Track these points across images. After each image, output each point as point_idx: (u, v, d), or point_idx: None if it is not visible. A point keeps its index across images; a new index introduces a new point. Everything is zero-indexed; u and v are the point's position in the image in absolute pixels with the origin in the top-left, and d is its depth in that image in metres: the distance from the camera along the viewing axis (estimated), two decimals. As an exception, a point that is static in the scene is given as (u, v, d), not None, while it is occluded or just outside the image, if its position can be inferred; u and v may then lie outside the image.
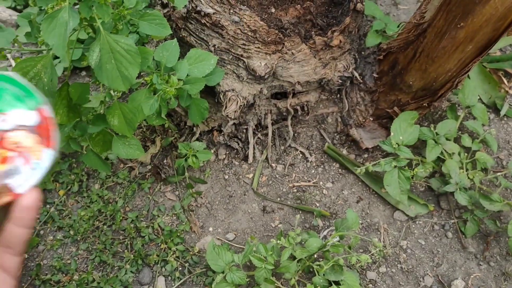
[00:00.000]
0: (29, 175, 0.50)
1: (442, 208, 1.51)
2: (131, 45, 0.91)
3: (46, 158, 0.51)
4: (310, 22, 1.36)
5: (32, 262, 1.38)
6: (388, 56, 1.42)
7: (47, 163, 0.51)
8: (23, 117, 0.52)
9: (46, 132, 0.52)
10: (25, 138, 0.51)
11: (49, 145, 0.52)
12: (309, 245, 1.29)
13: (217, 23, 1.21)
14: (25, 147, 0.51)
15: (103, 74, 0.91)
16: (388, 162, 1.41)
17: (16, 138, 0.51)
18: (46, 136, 0.52)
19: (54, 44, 0.81)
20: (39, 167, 0.51)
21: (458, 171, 1.43)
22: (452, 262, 1.42)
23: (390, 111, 1.49)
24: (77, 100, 1.03)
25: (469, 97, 1.53)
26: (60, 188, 1.51)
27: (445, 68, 1.27)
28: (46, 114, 0.52)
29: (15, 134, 0.51)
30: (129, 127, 1.09)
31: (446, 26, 1.18)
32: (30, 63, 0.95)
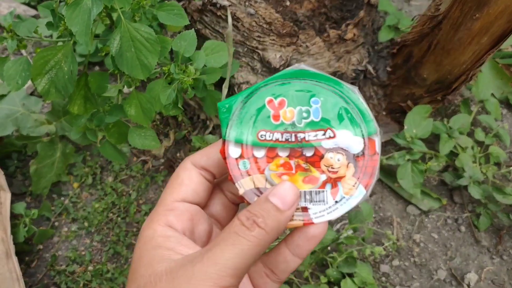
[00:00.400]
0: (330, 207, 0.44)
1: (455, 202, 1.51)
2: (151, 34, 0.92)
3: (356, 197, 0.44)
4: (325, 15, 1.37)
5: (47, 253, 1.39)
6: (402, 50, 1.42)
7: (354, 203, 0.44)
8: (348, 141, 0.45)
9: (366, 167, 0.45)
10: (341, 164, 0.44)
11: (366, 183, 0.44)
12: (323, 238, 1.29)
13: (232, 15, 1.22)
14: (338, 174, 0.44)
15: (123, 62, 0.92)
16: (401, 155, 1.41)
17: (332, 161, 0.45)
18: (365, 172, 0.44)
19: (77, 30, 0.82)
20: (344, 203, 0.44)
21: (471, 165, 1.43)
22: (465, 255, 1.42)
23: (403, 105, 1.50)
24: (96, 89, 1.04)
25: (483, 91, 1.53)
26: (74, 180, 1.52)
27: (460, 60, 1.27)
28: (374, 147, 0.45)
29: (332, 156, 0.45)
30: (146, 117, 1.10)
31: (462, 17, 1.19)
32: (51, 52, 0.96)
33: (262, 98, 0.45)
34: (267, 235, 0.40)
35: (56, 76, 0.97)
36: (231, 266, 0.38)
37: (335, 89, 0.45)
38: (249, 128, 0.45)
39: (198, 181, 0.47)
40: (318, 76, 0.45)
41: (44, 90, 0.98)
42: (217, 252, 0.38)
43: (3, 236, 1.23)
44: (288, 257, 0.44)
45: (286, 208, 0.41)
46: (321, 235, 0.44)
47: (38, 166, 1.41)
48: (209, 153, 0.47)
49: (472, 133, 1.53)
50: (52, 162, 1.44)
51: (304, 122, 0.45)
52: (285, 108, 0.45)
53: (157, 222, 0.43)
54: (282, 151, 0.45)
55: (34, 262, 1.37)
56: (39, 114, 1.43)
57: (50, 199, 1.49)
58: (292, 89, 0.45)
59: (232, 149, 0.44)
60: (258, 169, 0.44)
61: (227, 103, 0.45)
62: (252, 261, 0.39)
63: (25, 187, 1.49)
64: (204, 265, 0.38)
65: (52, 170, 1.44)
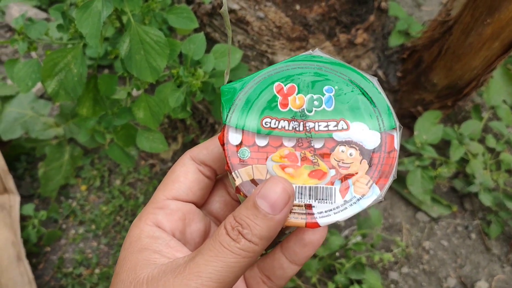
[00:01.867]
0: (338, 207, 0.39)
1: (466, 209, 1.49)
2: (161, 36, 0.92)
3: (368, 198, 0.39)
4: (335, 19, 1.36)
5: (54, 255, 1.39)
6: (412, 55, 1.41)
7: (366, 204, 0.39)
8: (363, 134, 0.40)
9: (382, 165, 0.39)
10: (354, 160, 0.40)
11: (381, 183, 0.39)
12: (331, 243, 1.28)
13: (242, 19, 1.22)
14: (349, 170, 0.40)
15: (132, 64, 0.92)
16: (411, 161, 1.40)
17: (343, 155, 0.40)
18: (381, 170, 0.39)
19: (87, 33, 0.82)
20: (355, 204, 0.39)
21: (482, 172, 1.42)
22: (475, 263, 1.40)
23: (413, 110, 1.48)
24: (105, 91, 1.04)
25: (494, 97, 1.52)
26: (82, 183, 1.52)
27: (471, 66, 1.26)
28: (392, 143, 0.40)
29: (344, 150, 0.40)
30: (154, 119, 1.10)
31: (473, 22, 1.18)
32: (60, 54, 0.96)
33: (270, 83, 0.41)
34: (255, 247, 0.36)
35: (66, 78, 0.98)
36: (215, 279, 0.35)
37: (351, 78, 0.41)
38: (253, 114, 0.40)
39: (194, 178, 0.43)
40: (333, 63, 0.41)
41: (53, 92, 0.98)
42: (201, 263, 0.35)
43: (13, 239, 1.23)
44: (284, 264, 0.41)
45: (276, 212, 0.36)
46: (318, 242, 0.40)
47: (47, 168, 1.41)
48: (209, 146, 0.43)
49: (483, 139, 1.52)
50: (60, 165, 1.44)
51: (315, 111, 0.40)
52: (294, 94, 0.41)
53: (145, 221, 0.40)
54: (287, 141, 0.40)
55: (42, 264, 1.37)
56: (47, 117, 1.44)
57: (58, 202, 1.49)
58: (304, 75, 0.41)
59: (232, 135, 0.40)
60: (260, 159, 0.40)
61: (231, 86, 0.41)
62: (240, 273, 0.36)
63: (33, 189, 1.50)
64: (185, 276, 0.35)
65: (60, 173, 1.44)
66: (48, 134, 1.39)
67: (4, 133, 1.34)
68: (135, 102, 1.08)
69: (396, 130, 0.40)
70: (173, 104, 1.06)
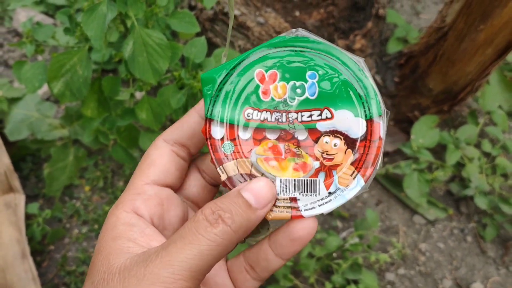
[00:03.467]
0: (322, 199, 0.39)
1: (461, 213, 1.52)
2: (163, 39, 0.95)
3: (353, 189, 0.39)
4: (333, 25, 1.40)
5: (58, 254, 1.42)
6: (409, 61, 1.45)
7: (350, 196, 0.39)
8: (348, 123, 0.38)
9: (368, 155, 0.39)
10: (338, 150, 0.39)
11: (365, 173, 0.39)
12: (328, 244, 1.31)
13: (243, 24, 1.26)
14: (334, 162, 0.39)
15: (135, 66, 0.96)
16: (408, 165, 1.43)
17: (328, 146, 0.39)
18: (366, 160, 0.39)
19: (93, 35, 0.86)
20: (339, 195, 0.39)
21: (478, 176, 1.44)
22: (471, 266, 1.42)
23: (410, 115, 1.51)
24: (109, 92, 1.08)
25: (489, 103, 1.55)
26: (86, 184, 1.56)
27: (465, 71, 1.29)
28: (378, 131, 0.38)
29: (328, 141, 0.39)
30: (156, 121, 1.14)
31: (467, 28, 1.21)
32: (66, 56, 1.00)
33: (250, 70, 0.39)
34: (232, 234, 0.35)
35: (71, 79, 1.01)
36: (187, 268, 0.33)
37: (336, 60, 0.38)
38: (234, 105, 0.39)
39: (169, 160, 0.41)
40: (318, 44, 0.38)
41: (59, 93, 1.02)
42: (173, 252, 0.34)
43: (18, 237, 1.26)
44: (269, 256, 0.40)
45: (260, 206, 0.36)
46: (307, 238, 0.39)
47: (52, 169, 1.45)
48: (181, 125, 0.42)
49: (479, 144, 1.54)
50: (65, 166, 1.48)
51: (297, 100, 0.39)
52: (276, 82, 0.39)
53: (122, 208, 0.39)
54: (270, 133, 0.39)
55: (45, 262, 1.40)
56: (53, 119, 1.47)
57: (62, 202, 1.52)
58: (286, 60, 0.39)
59: (215, 129, 0.39)
60: (244, 153, 0.39)
61: (210, 75, 0.39)
62: (214, 262, 0.35)
63: (38, 189, 1.53)
64: (156, 266, 0.33)
65: (65, 173, 1.47)
66: (54, 135, 1.43)
67: (11, 133, 1.37)
68: (138, 103, 1.12)
69: (383, 117, 0.38)
70: (175, 106, 1.10)
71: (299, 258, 1.31)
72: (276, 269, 0.41)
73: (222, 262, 0.43)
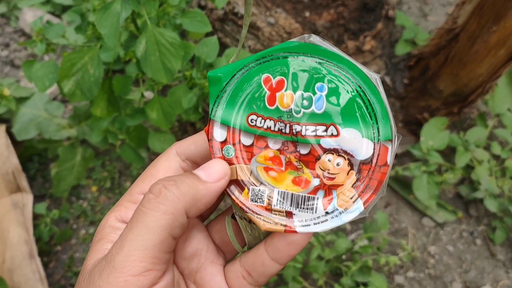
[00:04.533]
0: (318, 217, 0.37)
1: (471, 215, 1.51)
2: (175, 38, 0.95)
3: (351, 213, 0.37)
4: (343, 26, 1.39)
5: (65, 255, 1.42)
6: (419, 62, 1.44)
7: (348, 219, 0.37)
8: (354, 143, 0.36)
9: (371, 180, 0.37)
10: (341, 170, 0.37)
11: (366, 199, 0.37)
12: (338, 246, 1.30)
13: (253, 24, 1.25)
14: (335, 181, 0.37)
15: (148, 65, 0.95)
16: (417, 167, 1.42)
17: (329, 164, 0.37)
18: (369, 185, 0.37)
19: (106, 33, 0.85)
20: (336, 217, 0.37)
21: (487, 178, 1.43)
22: (480, 269, 1.41)
23: (419, 117, 1.51)
24: (120, 91, 1.07)
25: (499, 105, 1.54)
26: (93, 184, 1.55)
27: (477, 73, 1.28)
28: (385, 156, 0.36)
29: (331, 159, 0.37)
30: (166, 120, 1.13)
31: (479, 30, 1.20)
32: (78, 55, 0.99)
33: (258, 74, 0.37)
34: (176, 200, 0.34)
35: (82, 78, 1.01)
36: (137, 246, 0.32)
37: (349, 74, 0.36)
38: (239, 108, 0.37)
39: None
40: (331, 55, 0.36)
41: (69, 92, 1.01)
42: (123, 235, 0.33)
43: (26, 237, 1.25)
44: (266, 260, 0.39)
45: (210, 179, 0.36)
46: (303, 243, 0.38)
47: (59, 169, 1.44)
48: (198, 141, 0.40)
49: (488, 146, 1.54)
50: (72, 166, 1.47)
51: (303, 112, 0.37)
52: (283, 91, 0.37)
53: (114, 212, 0.39)
54: (273, 143, 0.38)
55: (52, 263, 1.39)
56: (61, 119, 1.47)
57: (69, 202, 1.52)
58: (296, 68, 0.36)
59: (217, 131, 0.38)
60: (244, 159, 0.38)
61: (216, 74, 0.37)
62: (165, 235, 0.33)
63: (44, 190, 1.52)
64: (113, 254, 0.33)
65: (72, 174, 1.46)
66: (61, 135, 1.42)
67: (19, 133, 1.37)
68: (149, 103, 1.11)
69: (392, 142, 0.36)
70: (186, 105, 1.09)
71: (308, 260, 1.31)
72: (273, 274, 0.40)
73: (219, 268, 0.42)
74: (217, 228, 0.43)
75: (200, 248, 0.41)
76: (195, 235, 0.42)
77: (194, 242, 0.41)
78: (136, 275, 0.32)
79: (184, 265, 0.41)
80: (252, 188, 0.38)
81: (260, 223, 0.37)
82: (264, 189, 0.38)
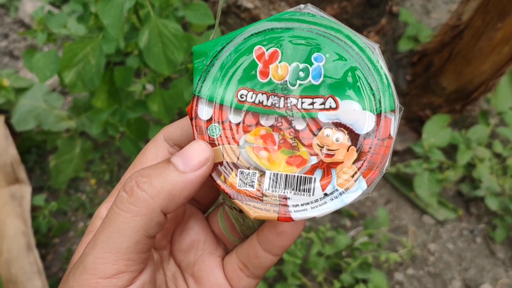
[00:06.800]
0: (316, 200, 0.34)
1: (471, 214, 1.51)
2: (179, 30, 0.94)
3: (353, 192, 0.34)
4: (346, 21, 1.38)
5: (63, 247, 1.41)
6: (422, 59, 1.43)
7: (349, 200, 0.34)
8: (354, 115, 0.33)
9: (374, 155, 0.33)
10: (340, 146, 0.34)
11: (368, 176, 0.34)
12: (338, 242, 1.29)
13: (256, 17, 1.24)
14: (334, 159, 0.34)
15: (150, 57, 0.94)
16: (419, 164, 1.41)
17: (328, 140, 0.34)
18: (371, 160, 0.33)
19: (109, 23, 0.84)
20: (336, 198, 0.34)
21: (488, 176, 1.43)
22: (480, 267, 1.41)
23: (421, 114, 1.50)
24: (121, 83, 1.06)
25: (502, 103, 1.53)
26: (92, 177, 1.54)
27: (480, 70, 1.28)
28: (388, 128, 0.33)
29: (330, 134, 0.34)
30: (168, 113, 1.12)
31: (484, 27, 1.20)
32: (79, 45, 0.98)
33: (249, 46, 0.34)
34: (150, 200, 0.31)
35: (84, 69, 0.99)
36: (108, 248, 0.31)
37: (348, 43, 0.34)
38: (228, 83, 0.34)
39: None
40: (328, 24, 0.34)
41: (71, 83, 1.00)
42: (96, 234, 0.32)
43: (24, 229, 1.24)
44: (259, 252, 0.37)
45: (188, 169, 0.32)
46: (294, 232, 0.36)
47: (58, 161, 1.43)
48: (183, 125, 0.38)
49: (490, 145, 1.53)
50: (71, 158, 1.46)
51: (299, 84, 0.34)
52: (277, 62, 0.34)
53: (106, 204, 0.38)
54: (265, 119, 0.34)
55: (50, 255, 1.38)
56: (60, 110, 1.46)
57: (67, 194, 1.50)
58: (291, 38, 0.34)
59: (202, 108, 0.34)
60: (232, 138, 0.34)
61: (203, 48, 0.34)
62: (139, 237, 0.31)
63: (43, 181, 1.51)
64: (85, 253, 0.31)
65: (71, 166, 1.45)
66: (61, 126, 1.41)
67: (18, 124, 1.35)
68: (150, 95, 1.10)
69: (395, 113, 0.33)
70: (188, 98, 1.08)
71: (308, 256, 1.30)
72: (269, 266, 0.38)
73: (217, 260, 0.40)
74: (216, 218, 0.41)
75: (198, 239, 0.40)
76: (192, 226, 0.40)
77: (191, 233, 0.40)
78: (109, 277, 0.31)
79: (181, 257, 0.40)
80: (240, 171, 0.34)
81: (249, 211, 0.34)
82: (254, 172, 0.34)
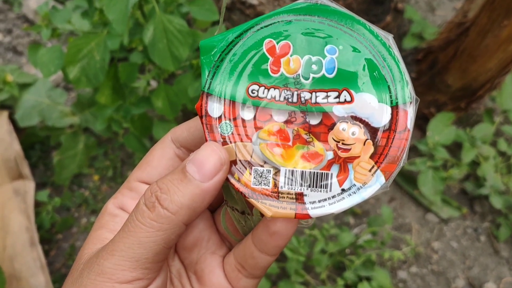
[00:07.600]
0: (334, 196, 0.33)
1: (475, 212, 1.50)
2: (184, 25, 0.93)
3: (371, 187, 0.33)
4: (351, 18, 1.38)
5: (66, 243, 1.41)
6: (427, 56, 1.43)
7: (368, 195, 0.33)
8: (370, 108, 0.32)
9: (391, 148, 0.33)
10: (357, 140, 0.33)
11: (386, 169, 0.33)
12: (341, 239, 1.29)
13: (261, 14, 1.24)
14: (350, 153, 0.33)
15: (155, 52, 0.94)
16: (423, 162, 1.41)
17: (344, 134, 0.33)
18: (389, 154, 0.33)
19: (115, 18, 0.83)
20: (354, 194, 0.33)
21: (493, 175, 1.42)
22: (484, 265, 1.40)
23: (426, 111, 1.49)
24: (126, 78, 1.06)
25: (507, 101, 1.52)
26: (95, 173, 1.54)
27: (486, 68, 1.27)
28: (405, 120, 0.33)
29: (345, 128, 0.33)
30: (172, 109, 1.12)
31: (490, 24, 1.19)
32: (84, 40, 0.98)
33: (259, 39, 0.33)
34: (172, 217, 0.31)
35: (88, 64, 0.99)
36: (128, 257, 0.31)
37: (361, 35, 0.33)
38: (238, 78, 0.33)
39: (169, 164, 0.38)
40: (340, 15, 0.33)
41: (75, 78, 0.99)
42: (116, 241, 0.32)
43: (27, 224, 1.24)
44: (254, 253, 0.36)
45: (205, 179, 0.32)
46: (287, 232, 0.35)
47: (61, 157, 1.43)
48: (191, 127, 0.37)
49: (495, 143, 1.52)
50: (75, 154, 1.46)
51: (312, 78, 0.33)
52: (289, 55, 0.33)
53: (113, 200, 0.38)
54: (278, 115, 0.33)
55: (53, 251, 1.38)
56: (64, 106, 1.45)
57: (70, 190, 1.50)
58: (302, 30, 0.33)
59: (212, 105, 0.33)
60: (244, 136, 0.33)
61: (212, 42, 0.33)
62: (159, 248, 0.32)
63: (46, 177, 1.51)
64: (103, 257, 0.32)
65: (75, 162, 1.45)
66: (64, 122, 1.41)
67: (22, 119, 1.35)
68: (154, 91, 1.10)
69: (412, 104, 0.33)
70: (192, 94, 1.08)
71: (311, 253, 1.30)
72: (266, 266, 0.37)
73: (219, 259, 0.40)
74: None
75: (201, 238, 0.40)
76: (197, 224, 0.40)
77: (196, 231, 0.40)
78: (125, 282, 0.31)
79: (184, 255, 0.40)
80: (254, 169, 0.33)
81: (265, 209, 0.33)
82: (269, 169, 0.33)
